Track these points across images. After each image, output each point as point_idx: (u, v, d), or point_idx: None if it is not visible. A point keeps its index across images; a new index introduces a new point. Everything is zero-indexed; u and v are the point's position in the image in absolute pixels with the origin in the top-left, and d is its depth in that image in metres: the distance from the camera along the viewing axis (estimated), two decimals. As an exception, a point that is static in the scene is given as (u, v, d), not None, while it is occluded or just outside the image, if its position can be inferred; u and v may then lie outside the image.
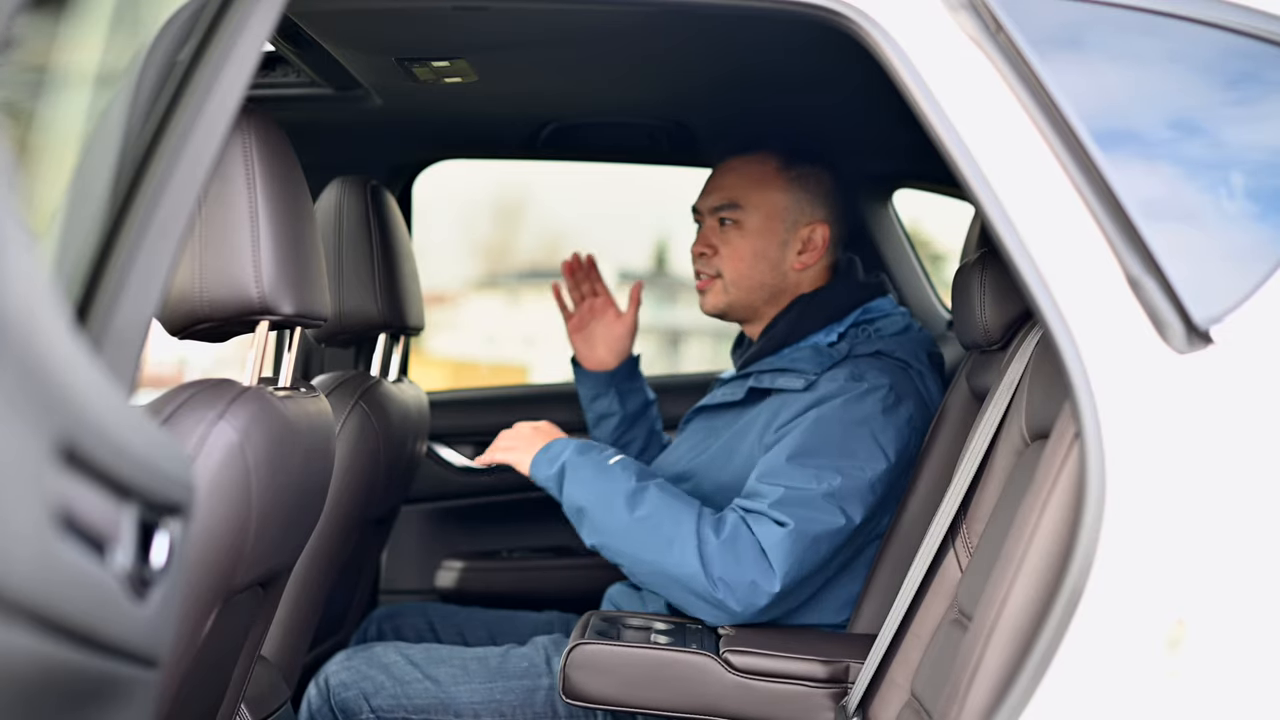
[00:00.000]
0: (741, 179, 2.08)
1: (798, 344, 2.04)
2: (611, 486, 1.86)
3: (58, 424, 0.74)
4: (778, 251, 2.07)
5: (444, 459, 2.80)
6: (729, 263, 2.07)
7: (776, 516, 1.79)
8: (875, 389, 1.89)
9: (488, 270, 31.03)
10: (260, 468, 1.29)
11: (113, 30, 1.06)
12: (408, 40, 1.87)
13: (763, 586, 1.77)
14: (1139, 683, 1.13)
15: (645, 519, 1.82)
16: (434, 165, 2.73)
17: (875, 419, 1.87)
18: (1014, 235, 1.20)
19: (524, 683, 1.92)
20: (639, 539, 1.82)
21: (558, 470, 1.91)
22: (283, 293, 1.36)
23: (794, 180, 2.07)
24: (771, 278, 2.07)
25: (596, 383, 2.39)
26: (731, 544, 1.78)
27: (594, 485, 1.87)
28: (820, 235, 2.07)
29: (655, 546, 1.81)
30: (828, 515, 1.80)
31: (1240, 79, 1.31)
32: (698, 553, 1.78)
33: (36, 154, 1.01)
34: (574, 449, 1.93)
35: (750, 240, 2.06)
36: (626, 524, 1.83)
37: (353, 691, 1.90)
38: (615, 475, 1.88)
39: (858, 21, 1.25)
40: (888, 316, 2.05)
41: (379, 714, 1.88)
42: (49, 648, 0.74)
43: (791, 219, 2.07)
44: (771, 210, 2.06)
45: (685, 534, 1.79)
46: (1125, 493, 1.14)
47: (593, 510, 1.86)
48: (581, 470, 1.89)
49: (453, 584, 2.74)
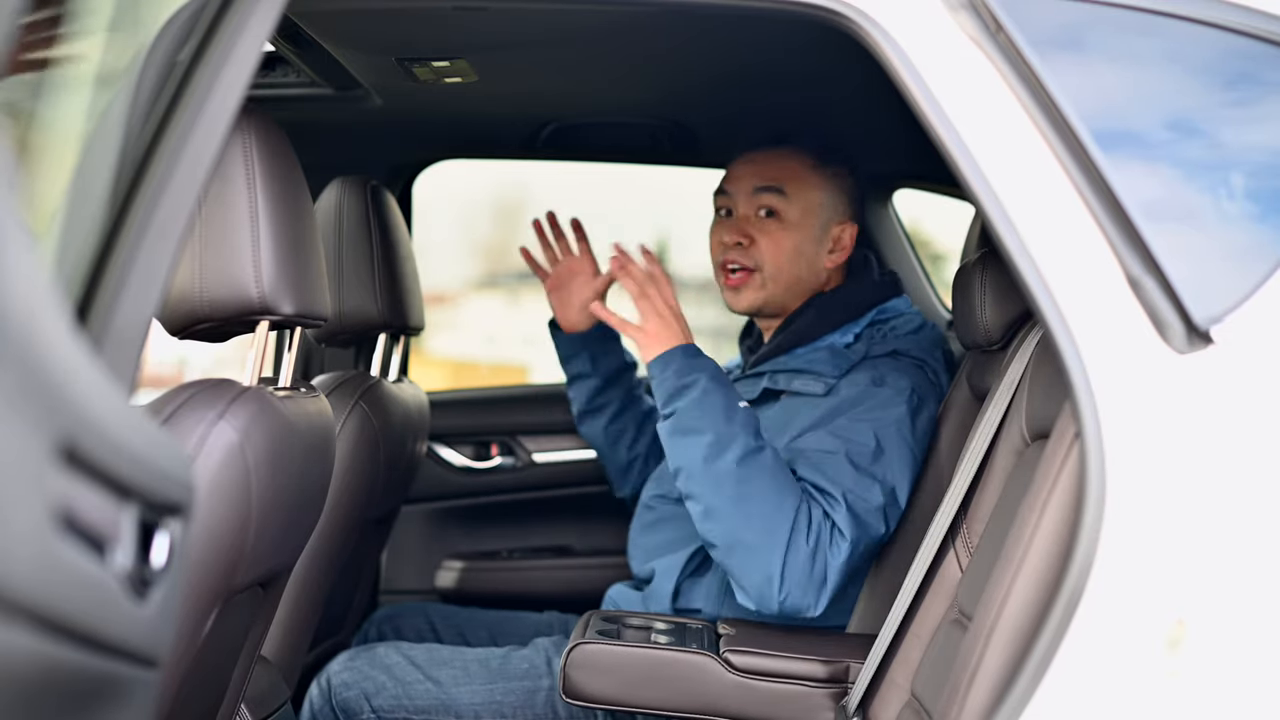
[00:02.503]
0: (783, 169, 2.03)
1: (813, 344, 2.01)
2: (732, 430, 1.73)
3: (58, 424, 0.74)
4: (813, 248, 2.03)
5: (444, 459, 2.80)
6: (769, 255, 2.01)
7: (843, 528, 1.75)
8: (899, 392, 1.87)
9: (488, 270, 30.97)
10: (260, 468, 1.29)
11: (113, 30, 1.06)
12: (408, 40, 1.87)
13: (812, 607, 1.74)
14: (1139, 683, 1.13)
15: (749, 480, 1.72)
16: (434, 165, 2.73)
17: (904, 422, 1.85)
18: (1014, 235, 1.20)
19: (524, 684, 1.92)
20: (732, 496, 1.72)
21: (687, 382, 1.76)
22: (283, 293, 1.36)
23: (828, 178, 2.04)
24: (807, 274, 2.03)
25: (570, 344, 2.29)
26: (812, 559, 1.72)
27: (716, 419, 1.73)
28: (849, 235, 2.05)
29: (744, 515, 1.72)
30: (876, 526, 1.79)
31: (1241, 79, 1.31)
32: (785, 548, 1.71)
33: (36, 154, 1.01)
34: (710, 373, 1.78)
35: (791, 234, 2.01)
36: (729, 474, 1.72)
37: (354, 691, 1.90)
38: (741, 421, 1.75)
39: (858, 21, 1.25)
40: (903, 316, 2.03)
41: (380, 714, 1.88)
42: (49, 648, 0.74)
43: (825, 216, 2.03)
44: (809, 205, 2.02)
45: (781, 522, 1.71)
46: (1125, 493, 1.14)
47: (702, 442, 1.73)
48: (712, 396, 1.75)
49: (453, 584, 2.74)
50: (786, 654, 1.73)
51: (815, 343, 2.01)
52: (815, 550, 1.73)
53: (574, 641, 1.75)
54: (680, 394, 1.77)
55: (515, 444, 2.82)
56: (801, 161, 2.04)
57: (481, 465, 2.81)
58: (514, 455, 2.82)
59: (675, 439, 1.78)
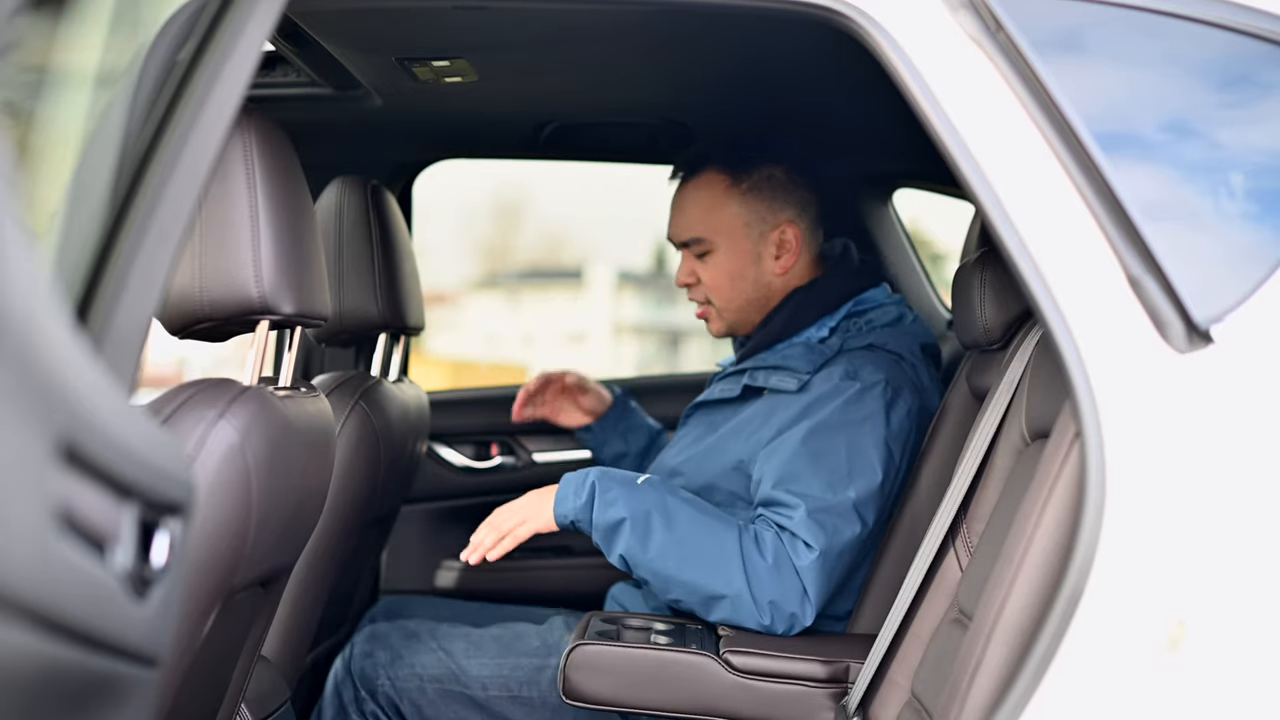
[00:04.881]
0: (695, 209, 2.06)
1: (791, 339, 2.03)
2: (644, 504, 1.79)
3: (58, 423, 0.74)
4: (753, 266, 2.05)
5: (444, 459, 2.80)
6: (714, 289, 2.06)
7: (806, 538, 1.77)
8: (872, 385, 1.88)
9: (488, 270, 31.07)
10: (260, 467, 1.29)
11: (113, 30, 1.06)
12: (408, 40, 1.87)
13: (800, 619, 1.77)
14: (1139, 683, 1.13)
15: (686, 538, 1.77)
16: (434, 165, 2.73)
17: (877, 416, 1.87)
18: (1014, 235, 1.20)
19: (533, 661, 1.98)
20: (679, 558, 1.77)
21: (586, 497, 1.81)
22: (283, 292, 1.36)
23: (746, 192, 2.04)
24: (756, 291, 2.06)
25: (597, 434, 2.45)
26: (777, 569, 1.76)
27: (626, 504, 1.79)
28: (791, 234, 2.04)
29: (697, 566, 1.77)
30: (849, 525, 1.80)
31: (1241, 79, 1.31)
32: (744, 575, 1.76)
33: (36, 154, 1.01)
34: (597, 473, 1.84)
35: (723, 265, 2.04)
36: (664, 542, 1.77)
37: (372, 660, 2.00)
38: (646, 493, 1.81)
39: (858, 21, 1.25)
40: (880, 307, 2.03)
41: (394, 682, 1.98)
42: (49, 647, 0.74)
43: (756, 230, 2.04)
44: (732, 229, 2.04)
45: (729, 554, 1.76)
46: (1125, 493, 1.14)
47: (627, 529, 1.79)
48: (611, 490, 1.80)
49: (453, 584, 2.74)
50: (786, 654, 1.73)
51: (793, 337, 2.03)
52: (777, 564, 1.76)
53: (574, 642, 1.75)
54: (589, 506, 1.82)
55: (515, 444, 2.82)
56: (714, 189, 2.04)
57: (481, 465, 2.81)
58: (514, 455, 2.82)
59: (608, 541, 1.81)
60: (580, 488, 1.83)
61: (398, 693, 1.97)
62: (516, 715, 1.95)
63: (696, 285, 2.08)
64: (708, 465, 2.00)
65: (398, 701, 1.98)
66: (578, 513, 1.82)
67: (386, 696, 1.98)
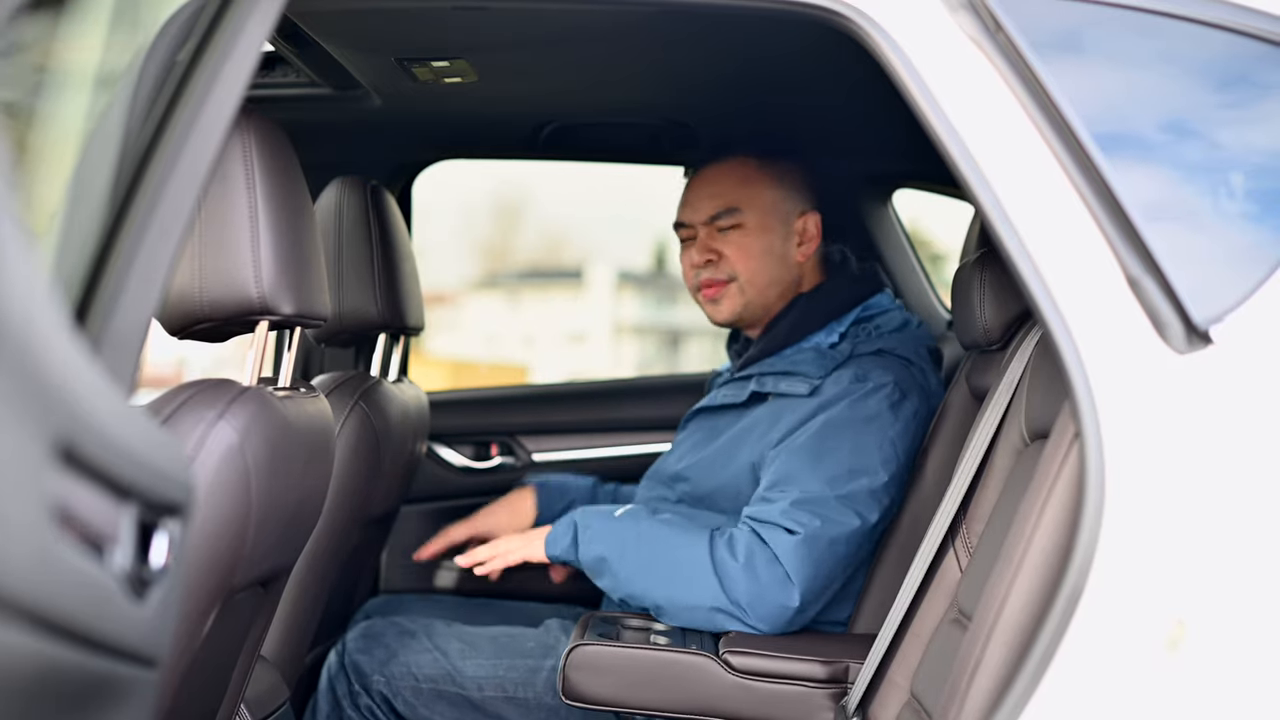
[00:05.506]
0: (728, 180, 2.08)
1: (799, 344, 2.03)
2: (621, 533, 1.87)
3: (57, 424, 0.74)
4: (782, 245, 2.07)
5: (444, 459, 2.80)
6: (740, 263, 2.05)
7: (787, 525, 1.79)
8: (880, 386, 1.90)
9: (488, 270, 31.06)
10: (260, 468, 1.29)
11: (113, 30, 1.06)
12: (408, 40, 1.87)
13: (786, 604, 1.78)
14: (1139, 683, 1.13)
15: (660, 556, 1.83)
16: (434, 165, 2.73)
17: (884, 416, 1.88)
18: (1014, 235, 1.20)
19: (528, 662, 1.98)
20: (657, 577, 1.82)
21: (571, 537, 1.92)
22: (282, 293, 1.36)
23: (777, 175, 2.08)
24: (781, 271, 2.07)
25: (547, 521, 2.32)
26: (750, 565, 1.78)
27: (605, 537, 1.88)
28: (814, 224, 2.08)
29: (675, 581, 1.81)
30: (842, 517, 1.80)
31: (1240, 80, 1.31)
32: (717, 580, 1.78)
33: (36, 154, 1.01)
34: (579, 512, 1.95)
35: (755, 238, 2.05)
36: (642, 564, 1.83)
37: (366, 656, 2.01)
38: (624, 522, 1.89)
39: (857, 21, 1.25)
40: (886, 313, 2.05)
41: (389, 680, 1.99)
42: (48, 648, 0.74)
43: (785, 212, 2.07)
44: (766, 206, 2.06)
45: (700, 563, 1.79)
46: (1125, 493, 1.14)
47: (610, 558, 1.86)
48: (591, 526, 1.91)
49: (453, 584, 2.74)
50: (786, 654, 1.74)
51: (801, 343, 2.03)
52: (749, 561, 1.78)
53: (573, 643, 1.75)
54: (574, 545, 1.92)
55: (515, 444, 2.82)
56: (746, 167, 2.08)
57: (481, 465, 2.81)
58: (514, 455, 2.82)
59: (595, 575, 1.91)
60: (568, 528, 1.94)
61: (392, 691, 1.99)
62: (512, 716, 1.95)
63: (719, 261, 2.06)
64: (714, 470, 2.00)
65: (391, 699, 1.99)
66: (565, 551, 1.93)
67: (380, 693, 1.99)
